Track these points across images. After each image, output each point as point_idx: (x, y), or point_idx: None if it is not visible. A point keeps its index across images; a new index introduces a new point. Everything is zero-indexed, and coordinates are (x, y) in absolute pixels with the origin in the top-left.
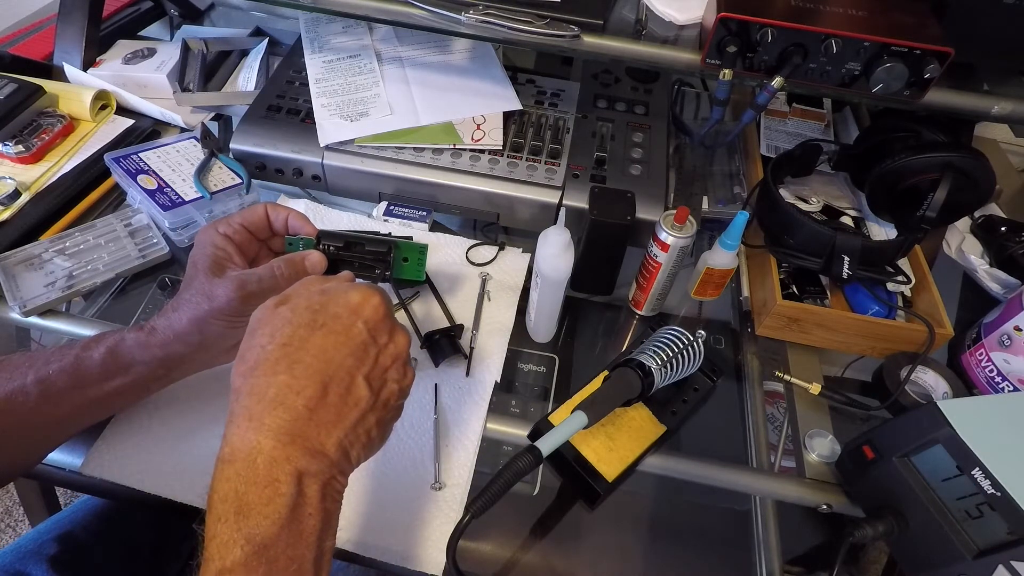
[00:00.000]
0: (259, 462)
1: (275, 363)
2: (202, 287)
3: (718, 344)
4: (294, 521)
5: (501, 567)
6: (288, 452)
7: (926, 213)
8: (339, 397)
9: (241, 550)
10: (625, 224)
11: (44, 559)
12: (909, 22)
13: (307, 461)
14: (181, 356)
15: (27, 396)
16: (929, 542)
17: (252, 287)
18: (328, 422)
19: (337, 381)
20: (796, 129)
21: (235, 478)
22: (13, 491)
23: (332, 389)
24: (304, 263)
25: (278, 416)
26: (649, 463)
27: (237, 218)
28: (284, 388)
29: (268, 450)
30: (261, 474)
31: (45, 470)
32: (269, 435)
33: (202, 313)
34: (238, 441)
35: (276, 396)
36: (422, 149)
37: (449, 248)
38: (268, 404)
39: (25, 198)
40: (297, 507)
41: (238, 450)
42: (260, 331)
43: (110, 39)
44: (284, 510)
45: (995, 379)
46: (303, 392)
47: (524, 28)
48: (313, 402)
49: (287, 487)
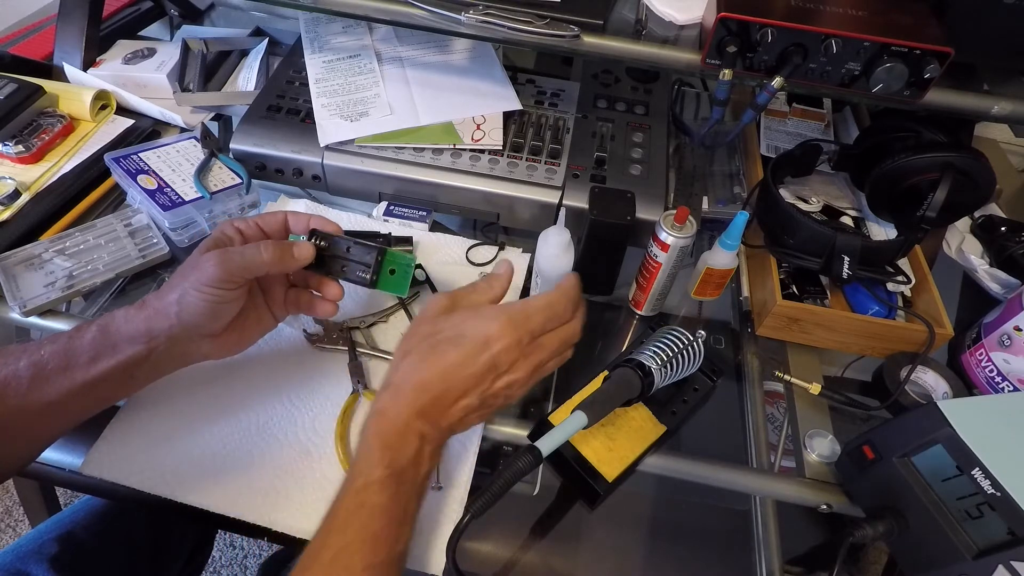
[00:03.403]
0: (399, 421)
1: (421, 360)
2: (192, 260)
3: (718, 344)
4: (415, 463)
5: (501, 567)
6: (417, 422)
7: (926, 213)
8: (453, 400)
9: (383, 470)
10: (625, 224)
11: (44, 559)
12: (909, 22)
13: (427, 430)
14: (160, 332)
15: (20, 381)
16: (929, 542)
17: (235, 260)
18: (442, 412)
19: (455, 390)
20: (796, 129)
21: (385, 425)
22: (13, 491)
23: (451, 394)
24: (292, 250)
25: (414, 398)
26: (649, 463)
27: (255, 218)
28: (421, 383)
29: (405, 416)
30: (400, 428)
31: (45, 470)
32: (407, 407)
33: (186, 282)
34: (389, 404)
35: (415, 386)
36: (422, 149)
37: (449, 248)
38: (409, 388)
39: (25, 198)
40: (418, 454)
41: (388, 409)
42: (423, 325)
43: (110, 39)
44: (412, 453)
45: (995, 379)
46: (431, 390)
47: (524, 28)
48: (436, 398)
49: (415, 440)
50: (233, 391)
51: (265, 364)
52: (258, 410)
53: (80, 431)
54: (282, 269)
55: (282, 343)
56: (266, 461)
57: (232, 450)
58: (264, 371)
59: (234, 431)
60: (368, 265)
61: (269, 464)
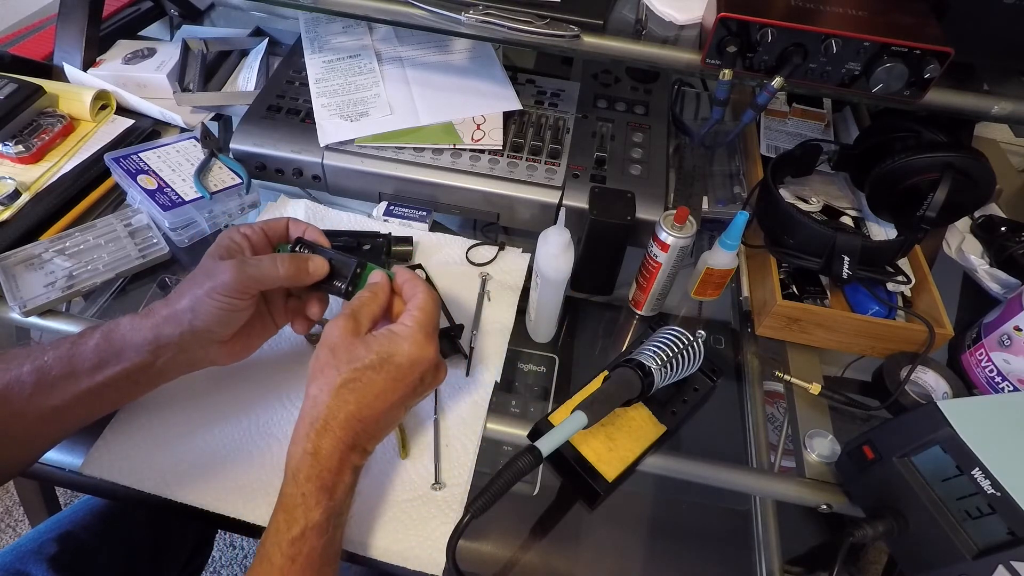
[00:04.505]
0: (334, 461)
1: (348, 392)
2: (205, 267)
3: (718, 344)
4: (347, 497)
5: (501, 567)
6: (351, 456)
7: (926, 213)
8: (385, 424)
9: (321, 514)
10: (625, 224)
11: (44, 559)
12: (909, 22)
13: (359, 459)
14: (170, 340)
15: (23, 386)
16: (929, 542)
17: (252, 270)
18: (371, 437)
19: (388, 416)
20: (796, 129)
21: (319, 467)
22: (13, 491)
23: (383, 420)
24: (307, 265)
25: (345, 434)
26: (649, 463)
27: (259, 224)
28: (350, 416)
29: (340, 454)
30: (335, 467)
31: (45, 470)
32: (341, 444)
33: (200, 290)
34: (321, 444)
35: (345, 420)
36: (422, 149)
37: (449, 248)
38: (339, 424)
39: (25, 198)
40: (352, 485)
41: (320, 449)
42: (333, 356)
43: (110, 39)
44: (347, 487)
45: (995, 379)
46: (362, 421)
47: (524, 28)
48: (366, 427)
49: (349, 474)
50: (233, 392)
51: (265, 364)
52: (258, 410)
53: (80, 431)
54: (296, 283)
55: (282, 344)
56: (266, 461)
57: (232, 450)
58: (264, 371)
59: (234, 431)
60: (346, 277)
61: (269, 464)
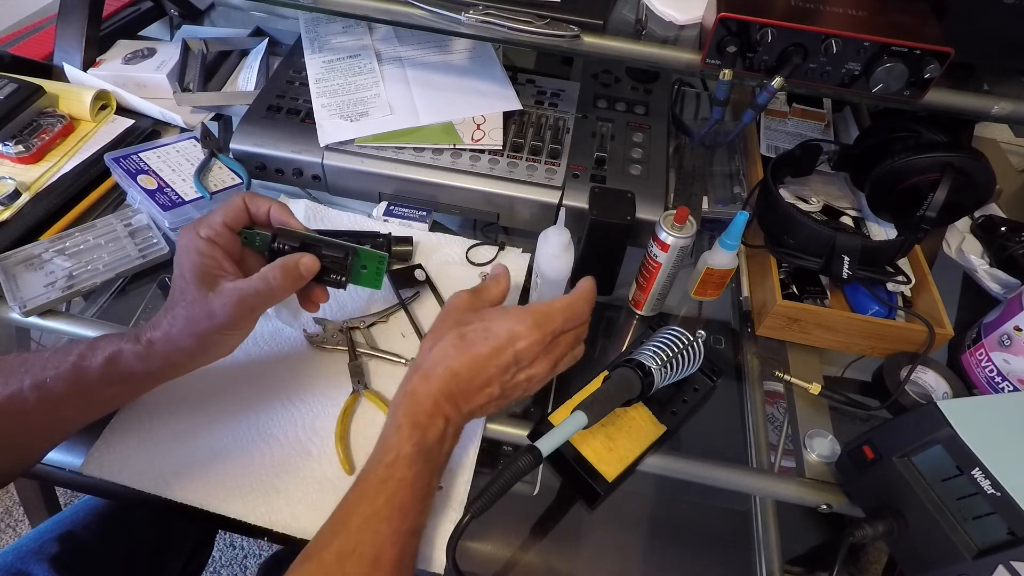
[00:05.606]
0: (429, 403)
1: (452, 349)
2: (199, 304)
3: (718, 344)
4: (440, 442)
5: (501, 567)
6: (444, 404)
7: (926, 213)
8: (478, 388)
9: (412, 447)
10: (625, 224)
11: (44, 559)
12: (909, 22)
13: (452, 413)
14: (181, 364)
15: (24, 401)
16: (929, 542)
17: (251, 301)
18: (467, 397)
19: (481, 378)
20: (796, 129)
21: (415, 406)
22: (13, 491)
23: (476, 381)
24: (298, 268)
25: (443, 383)
26: (649, 463)
27: (218, 218)
28: (451, 369)
29: (434, 398)
30: (429, 409)
31: (45, 470)
32: (436, 390)
33: (203, 330)
34: (419, 386)
35: (445, 371)
36: (422, 149)
37: (449, 248)
38: (439, 373)
39: (25, 198)
40: (443, 434)
41: (418, 391)
42: (448, 318)
43: (110, 39)
44: (438, 433)
45: (995, 379)
46: (459, 377)
47: (524, 28)
48: (463, 384)
49: (441, 421)
50: (233, 391)
51: (265, 364)
52: (258, 410)
53: (80, 431)
54: (293, 290)
55: (282, 343)
56: (266, 461)
57: (232, 450)
58: (264, 371)
59: (234, 431)
60: (338, 264)
61: (269, 464)
